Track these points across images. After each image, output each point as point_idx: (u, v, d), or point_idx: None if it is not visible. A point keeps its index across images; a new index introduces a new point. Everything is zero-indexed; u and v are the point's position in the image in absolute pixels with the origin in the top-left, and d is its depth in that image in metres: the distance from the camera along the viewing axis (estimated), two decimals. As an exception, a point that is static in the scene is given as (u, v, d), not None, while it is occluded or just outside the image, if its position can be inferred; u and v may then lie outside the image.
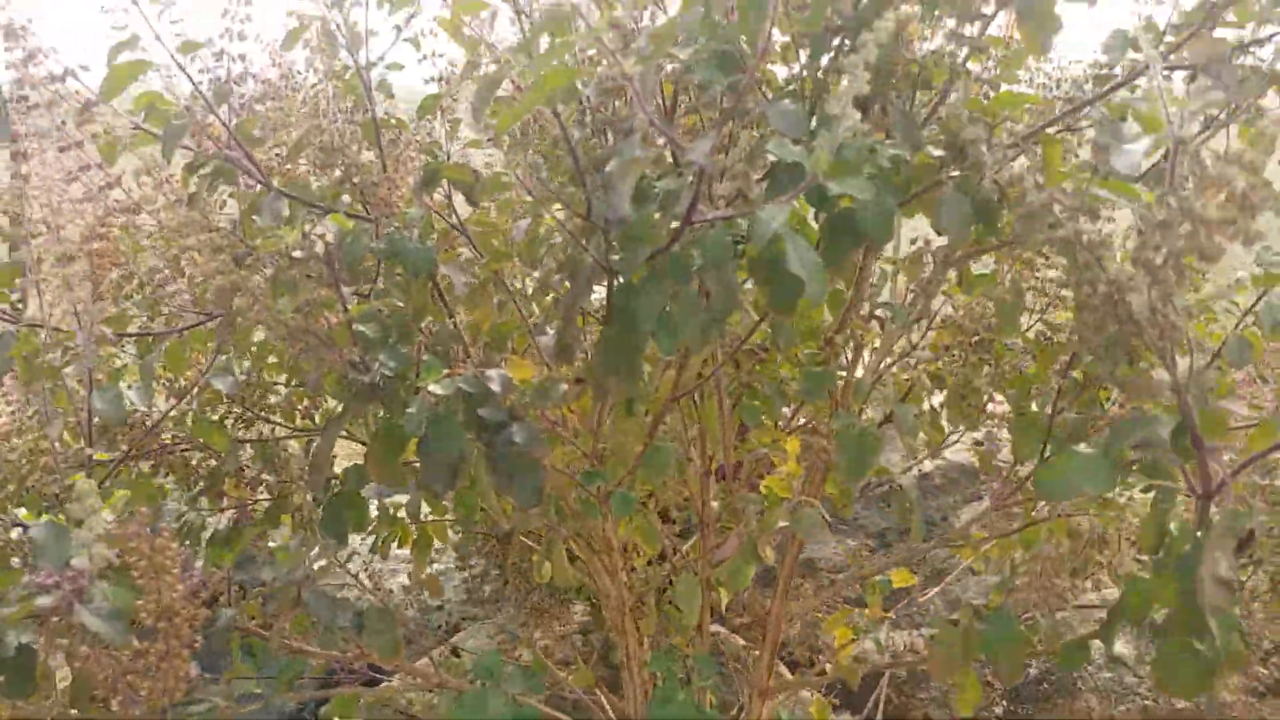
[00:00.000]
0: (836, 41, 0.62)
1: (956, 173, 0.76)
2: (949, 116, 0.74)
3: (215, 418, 0.98)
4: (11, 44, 0.69)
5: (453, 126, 0.84)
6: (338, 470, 0.99)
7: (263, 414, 1.09)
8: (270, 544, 1.13)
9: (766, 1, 0.52)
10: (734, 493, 0.86)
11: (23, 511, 0.77)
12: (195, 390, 0.95)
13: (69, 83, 0.69)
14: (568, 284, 0.66)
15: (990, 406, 1.04)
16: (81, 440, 0.77)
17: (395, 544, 1.21)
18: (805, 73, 0.63)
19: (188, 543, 0.98)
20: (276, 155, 0.75)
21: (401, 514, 1.14)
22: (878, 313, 0.89)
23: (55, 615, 0.56)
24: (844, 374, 0.84)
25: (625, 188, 0.44)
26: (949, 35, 0.77)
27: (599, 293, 0.71)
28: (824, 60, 0.62)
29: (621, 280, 0.58)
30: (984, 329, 0.97)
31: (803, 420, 0.98)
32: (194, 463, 1.03)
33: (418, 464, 0.66)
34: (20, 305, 0.86)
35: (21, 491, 0.74)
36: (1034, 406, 1.02)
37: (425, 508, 1.11)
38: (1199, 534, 0.52)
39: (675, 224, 0.49)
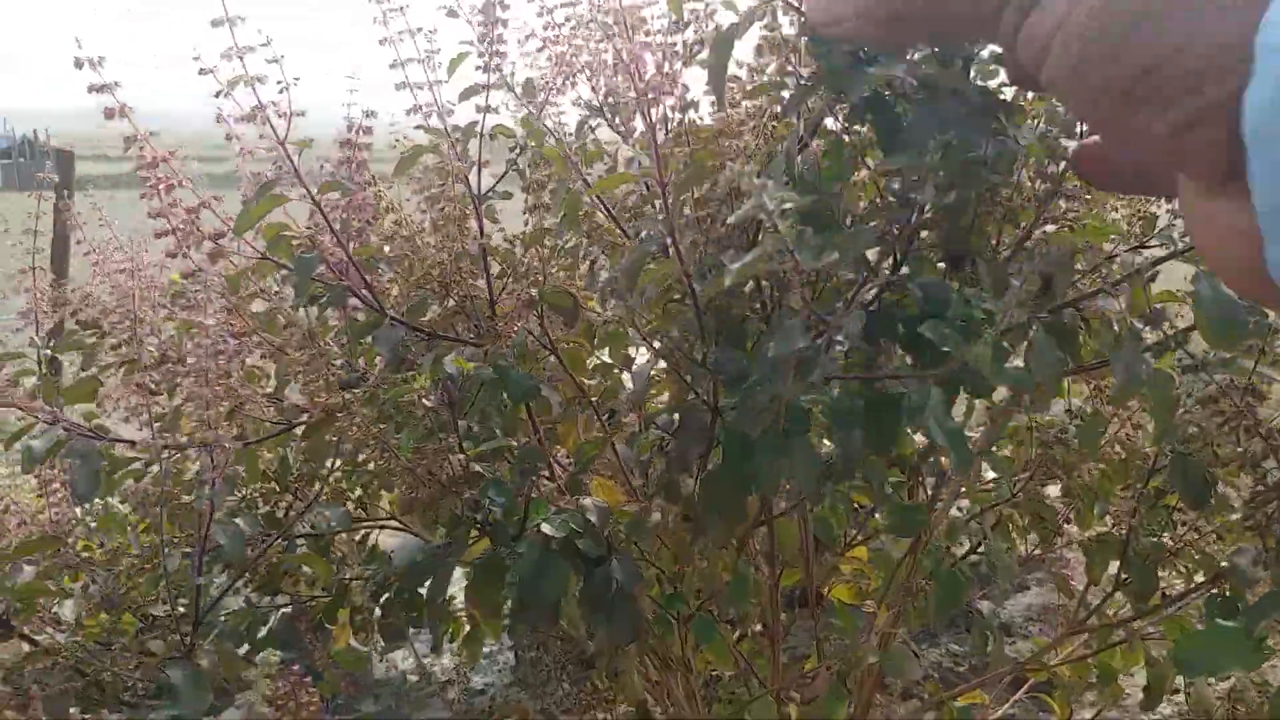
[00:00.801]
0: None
1: (1045, 314, 0.78)
2: (1037, 255, 0.77)
3: (277, 513, 0.99)
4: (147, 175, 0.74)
5: (550, 253, 0.87)
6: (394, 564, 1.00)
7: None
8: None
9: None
10: (816, 619, 0.87)
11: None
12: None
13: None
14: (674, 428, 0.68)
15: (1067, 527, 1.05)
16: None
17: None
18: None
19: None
20: (390, 281, 0.79)
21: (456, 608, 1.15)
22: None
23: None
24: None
25: (787, 372, 0.46)
26: (1036, 173, 0.80)
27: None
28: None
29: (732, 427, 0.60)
30: (1062, 451, 0.98)
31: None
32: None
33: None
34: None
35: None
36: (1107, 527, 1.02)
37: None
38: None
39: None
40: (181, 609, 0.74)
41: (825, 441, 0.66)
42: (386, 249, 0.76)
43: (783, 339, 0.42)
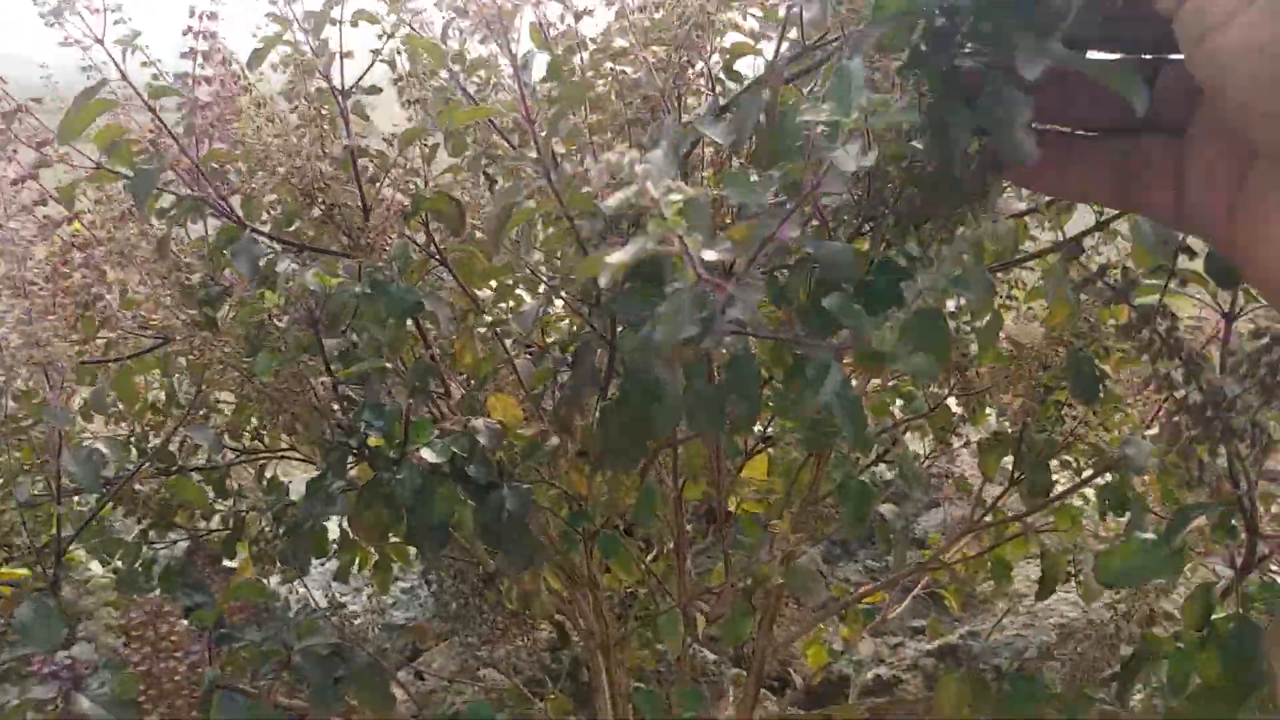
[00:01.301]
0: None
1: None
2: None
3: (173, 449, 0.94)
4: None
5: (431, 151, 0.81)
6: (293, 497, 0.96)
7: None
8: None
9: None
10: (721, 535, 0.87)
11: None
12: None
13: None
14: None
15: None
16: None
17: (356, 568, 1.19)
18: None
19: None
20: (251, 189, 0.72)
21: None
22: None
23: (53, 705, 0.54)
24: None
25: (675, 358, 0.42)
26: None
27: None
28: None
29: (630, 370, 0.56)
30: (959, 354, 0.99)
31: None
32: (143, 495, 0.99)
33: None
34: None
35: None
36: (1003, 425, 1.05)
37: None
38: (1239, 611, 0.55)
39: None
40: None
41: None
42: (240, 154, 0.69)
43: (666, 322, 0.38)
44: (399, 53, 0.80)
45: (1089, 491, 1.02)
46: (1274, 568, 0.71)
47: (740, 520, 0.99)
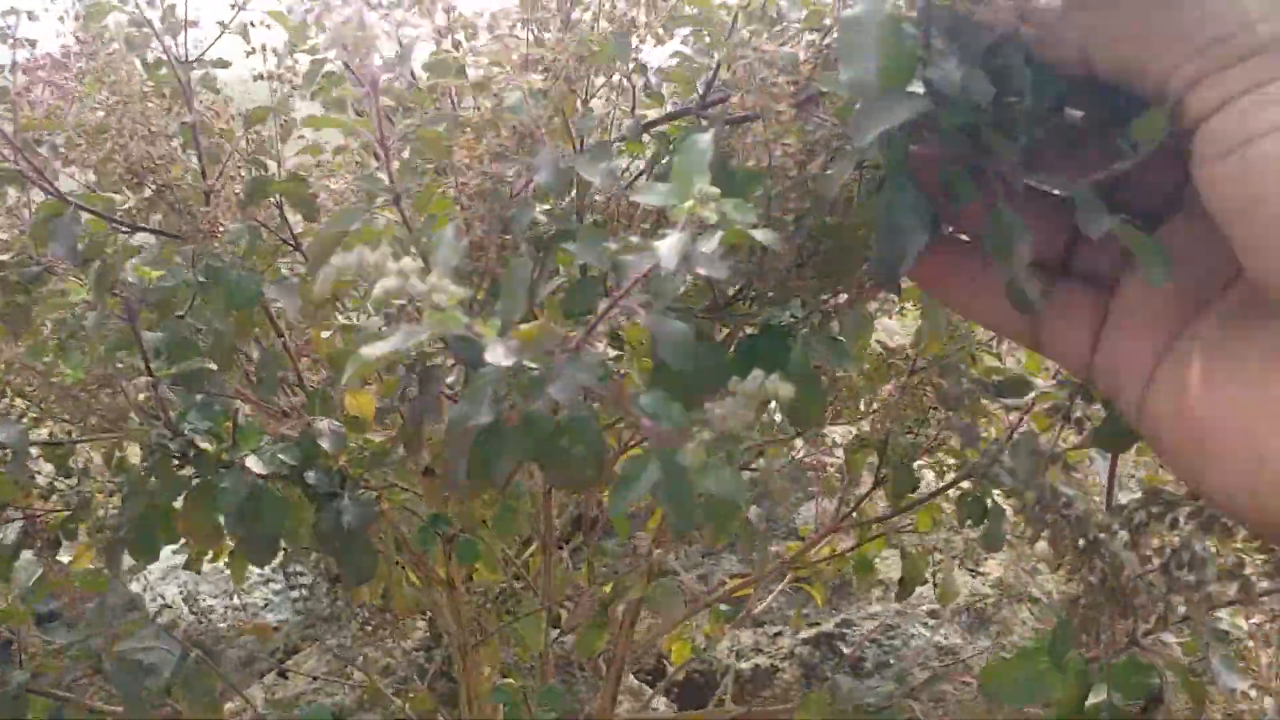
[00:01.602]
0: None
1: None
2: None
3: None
4: None
5: (285, 129, 0.77)
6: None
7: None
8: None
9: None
10: (588, 542, 0.86)
11: None
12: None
13: None
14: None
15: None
16: None
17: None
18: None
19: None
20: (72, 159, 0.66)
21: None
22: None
23: None
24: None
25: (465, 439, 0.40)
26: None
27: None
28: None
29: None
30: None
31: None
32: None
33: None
34: None
35: None
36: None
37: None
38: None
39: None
40: None
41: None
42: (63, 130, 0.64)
43: (460, 412, 0.36)
44: (253, 24, 0.75)
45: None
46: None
47: (613, 521, 0.99)
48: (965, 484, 1.00)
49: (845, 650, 1.46)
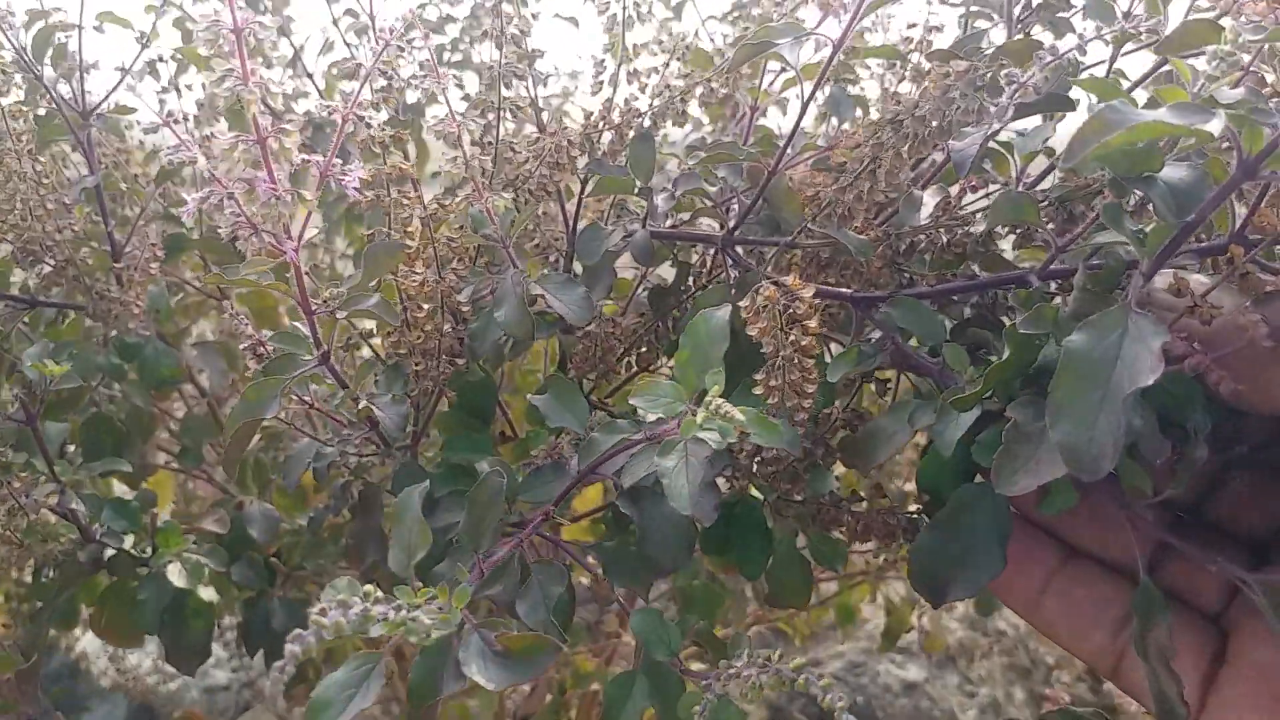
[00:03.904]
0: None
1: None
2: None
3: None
4: None
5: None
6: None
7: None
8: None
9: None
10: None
11: None
12: None
13: None
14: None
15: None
16: None
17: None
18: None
19: None
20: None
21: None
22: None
23: None
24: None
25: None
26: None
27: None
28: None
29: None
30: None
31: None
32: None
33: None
34: None
35: None
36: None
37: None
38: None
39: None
40: None
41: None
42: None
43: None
44: (162, 60, 0.71)
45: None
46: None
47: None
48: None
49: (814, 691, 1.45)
